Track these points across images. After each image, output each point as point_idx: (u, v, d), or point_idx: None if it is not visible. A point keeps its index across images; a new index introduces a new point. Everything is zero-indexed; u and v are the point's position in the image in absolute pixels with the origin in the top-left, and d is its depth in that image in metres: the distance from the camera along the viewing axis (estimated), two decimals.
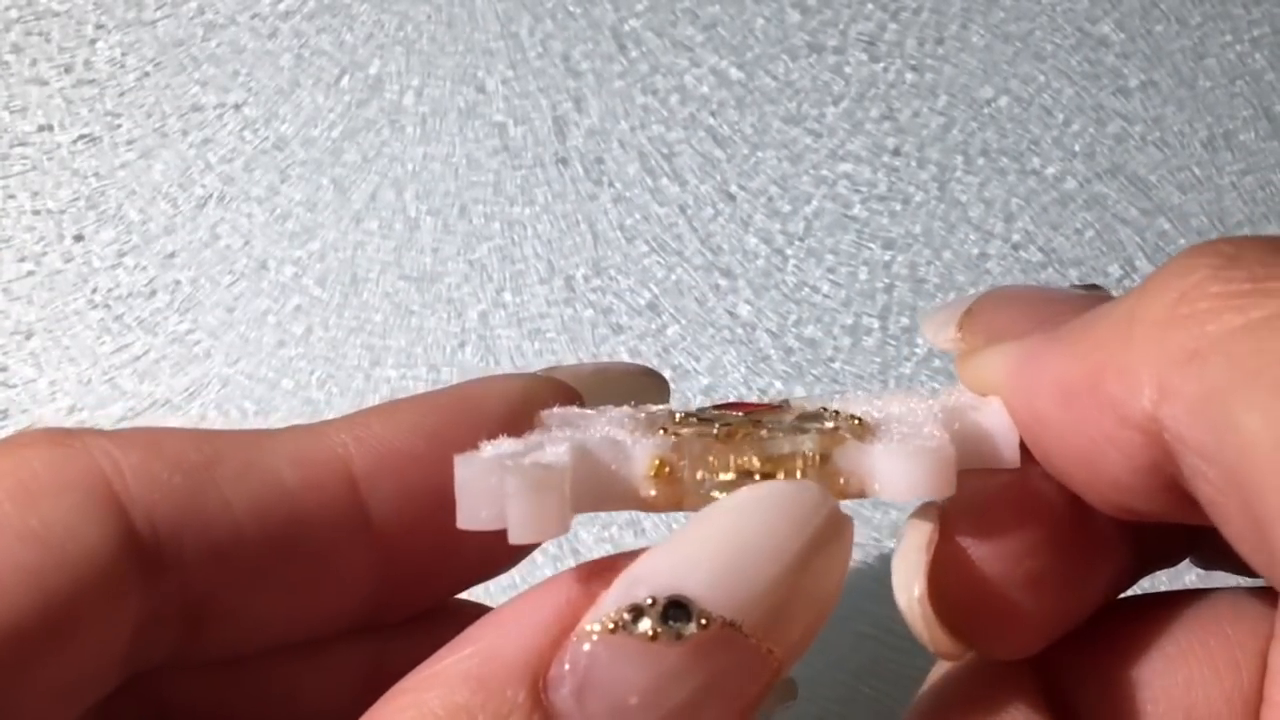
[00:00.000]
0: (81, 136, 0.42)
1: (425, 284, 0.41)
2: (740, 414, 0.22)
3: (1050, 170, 0.41)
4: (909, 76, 0.42)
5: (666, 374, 0.33)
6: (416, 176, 0.42)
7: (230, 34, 0.43)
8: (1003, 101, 0.42)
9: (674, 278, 0.41)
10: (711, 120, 0.42)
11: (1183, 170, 0.41)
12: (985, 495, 0.21)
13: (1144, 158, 0.41)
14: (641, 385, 0.28)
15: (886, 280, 0.40)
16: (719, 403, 0.23)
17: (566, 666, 0.18)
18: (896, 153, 0.42)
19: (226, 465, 0.22)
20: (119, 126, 0.42)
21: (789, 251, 0.41)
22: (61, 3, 0.44)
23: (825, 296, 0.40)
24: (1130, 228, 0.41)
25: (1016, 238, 0.41)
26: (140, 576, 0.21)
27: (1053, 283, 0.40)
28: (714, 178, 0.41)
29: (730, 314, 0.40)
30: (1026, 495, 0.21)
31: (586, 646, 0.18)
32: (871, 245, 0.41)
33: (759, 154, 0.42)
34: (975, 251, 0.41)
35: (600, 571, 0.19)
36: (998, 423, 0.21)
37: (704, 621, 0.18)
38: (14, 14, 0.43)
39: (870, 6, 0.43)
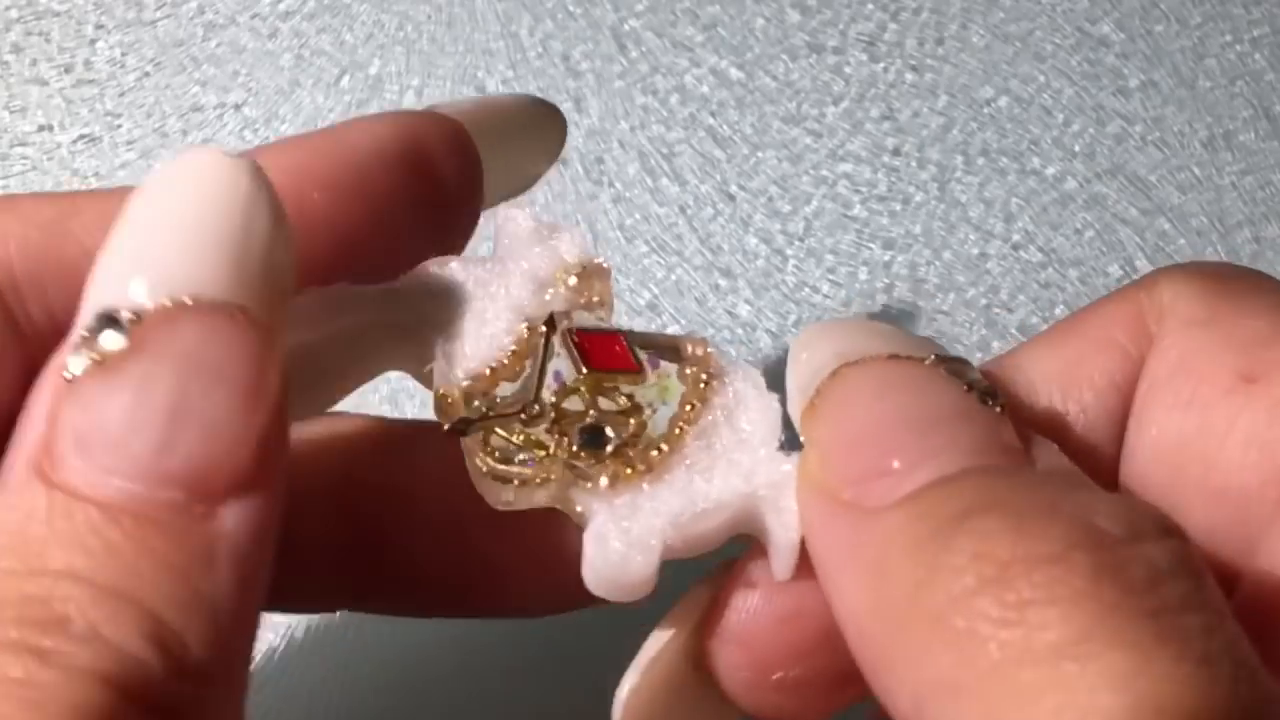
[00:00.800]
0: (81, 136, 0.42)
1: None
2: (584, 372, 0.22)
3: (1050, 170, 0.41)
4: (909, 76, 0.42)
5: None
6: None
7: (230, 34, 0.43)
8: (1003, 101, 0.42)
9: (674, 278, 0.41)
10: (711, 120, 0.42)
11: (1183, 170, 0.41)
12: (746, 603, 0.21)
13: (1144, 158, 0.41)
14: (532, 119, 0.27)
15: (886, 280, 0.40)
16: (601, 328, 0.23)
17: (60, 440, 0.18)
18: (896, 153, 0.42)
19: (82, 216, 0.21)
20: (119, 126, 0.43)
21: (789, 251, 0.41)
22: (61, 3, 0.44)
23: (825, 296, 0.40)
24: (1130, 228, 0.41)
25: (1016, 238, 0.41)
26: (13, 336, 0.21)
27: (1053, 283, 0.40)
28: (714, 178, 0.41)
29: (730, 314, 0.40)
30: (795, 606, 0.21)
31: (64, 409, 0.18)
32: (871, 245, 0.41)
33: (759, 154, 0.42)
34: (975, 251, 0.41)
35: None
36: (784, 545, 0.21)
37: (134, 318, 0.17)
38: (14, 14, 0.43)
39: (870, 6, 0.43)
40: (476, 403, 0.22)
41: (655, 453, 0.21)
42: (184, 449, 0.17)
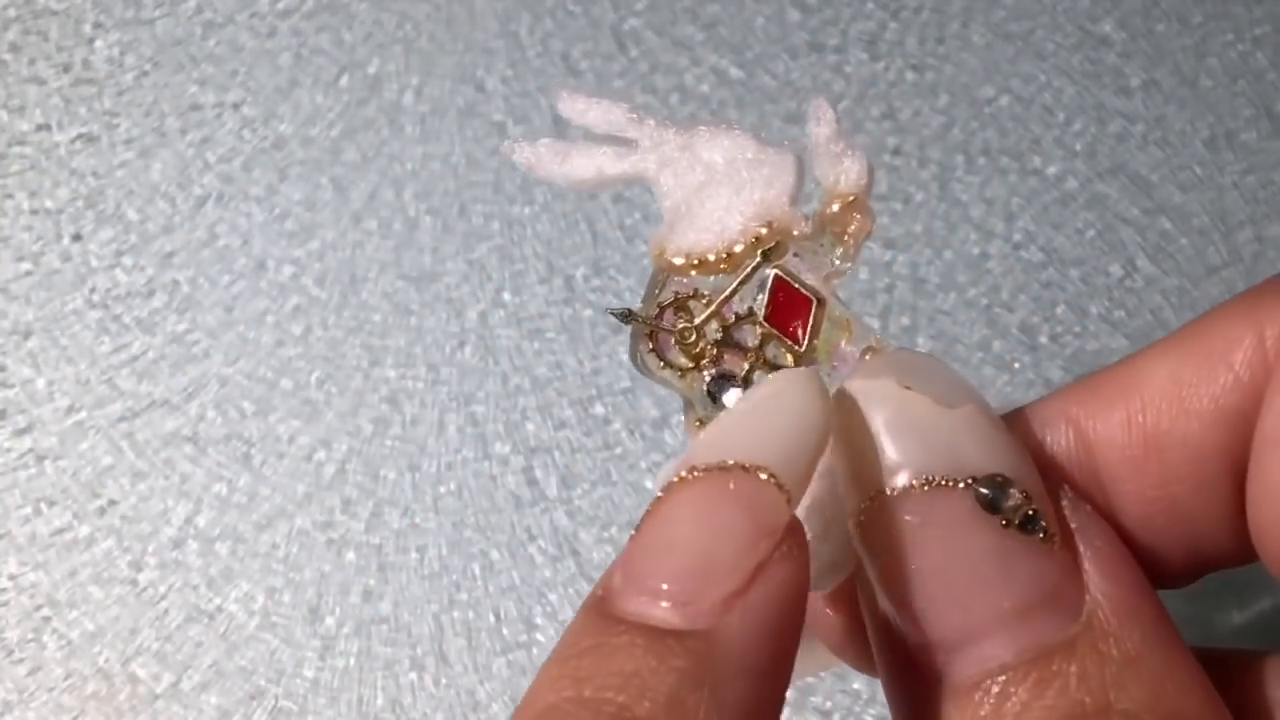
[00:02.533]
0: (80, 136, 0.42)
1: (424, 283, 0.41)
2: (760, 321, 0.23)
3: (1051, 169, 0.41)
4: (909, 75, 0.42)
5: None
6: (416, 176, 0.42)
7: (229, 33, 0.43)
8: (1004, 101, 0.42)
9: None
10: (712, 119, 0.42)
11: (1184, 169, 0.41)
12: None
13: (1145, 157, 0.41)
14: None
15: (887, 280, 0.40)
16: (807, 287, 0.23)
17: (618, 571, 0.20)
18: (897, 152, 0.41)
19: None
20: (117, 126, 0.42)
21: None
22: (60, 1, 0.44)
23: None
24: (1132, 227, 0.41)
25: (1018, 237, 0.41)
26: None
27: (1054, 282, 0.40)
28: None
29: None
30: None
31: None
32: (872, 245, 0.41)
33: None
34: (976, 251, 0.41)
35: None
36: None
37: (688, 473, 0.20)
38: (12, 12, 0.43)
39: (871, 5, 0.43)
40: (675, 281, 0.23)
41: None
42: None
